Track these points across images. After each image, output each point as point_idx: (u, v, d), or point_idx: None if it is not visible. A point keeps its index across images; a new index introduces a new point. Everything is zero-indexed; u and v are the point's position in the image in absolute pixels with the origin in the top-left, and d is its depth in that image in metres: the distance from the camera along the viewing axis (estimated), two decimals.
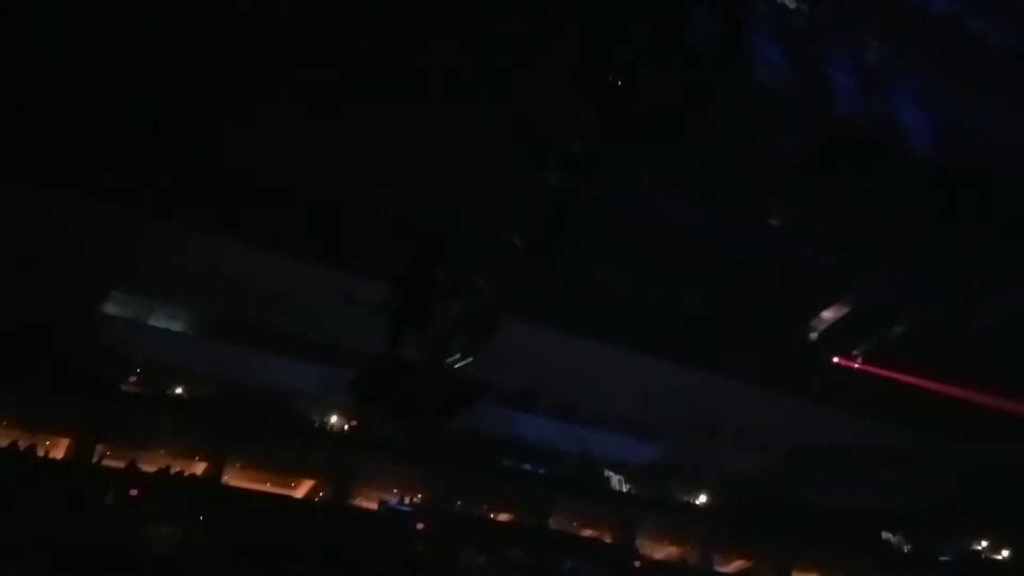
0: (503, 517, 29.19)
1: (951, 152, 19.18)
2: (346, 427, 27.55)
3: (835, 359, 24.75)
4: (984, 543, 31.36)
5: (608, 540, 29.60)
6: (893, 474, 30.37)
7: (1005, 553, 31.09)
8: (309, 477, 26.61)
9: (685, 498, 31.15)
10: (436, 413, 14.22)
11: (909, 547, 31.10)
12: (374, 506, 26.61)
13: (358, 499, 26.76)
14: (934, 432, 28.09)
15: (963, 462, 28.93)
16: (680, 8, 10.44)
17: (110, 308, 24.91)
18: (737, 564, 30.49)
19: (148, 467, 24.17)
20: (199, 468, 25.57)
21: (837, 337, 24.29)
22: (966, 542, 31.46)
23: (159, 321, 25.81)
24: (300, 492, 26.76)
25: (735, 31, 18.54)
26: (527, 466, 29.15)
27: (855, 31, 19.08)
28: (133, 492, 22.44)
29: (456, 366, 11.75)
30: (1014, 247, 20.33)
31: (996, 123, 19.15)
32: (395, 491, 27.20)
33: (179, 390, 26.06)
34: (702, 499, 31.06)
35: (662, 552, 30.38)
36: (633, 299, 21.62)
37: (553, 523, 28.92)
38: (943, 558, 30.84)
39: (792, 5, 18.57)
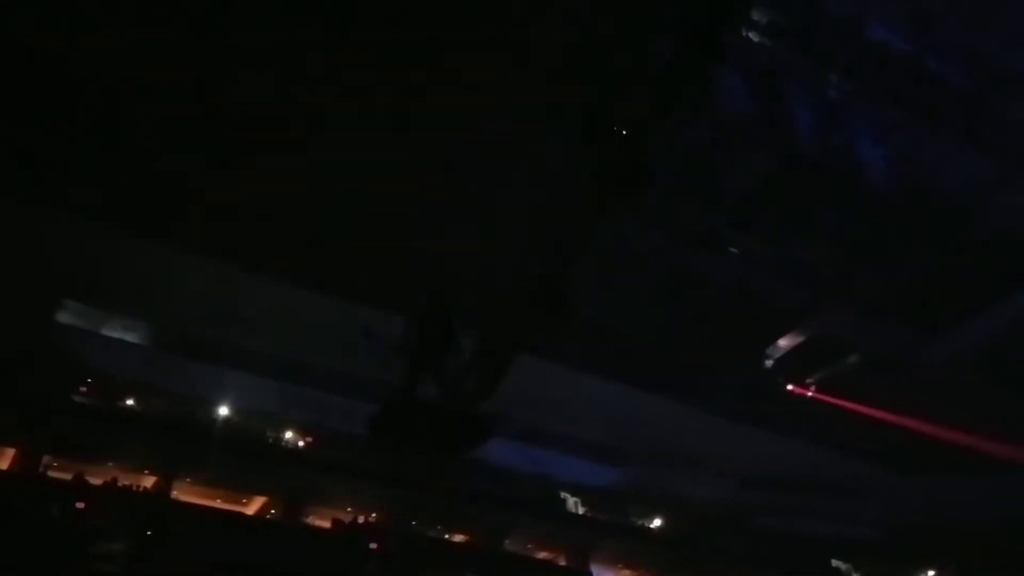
0: (459, 538, 29.00)
1: (906, 189, 19.57)
2: (301, 444, 27.24)
3: (789, 387, 25.01)
4: (931, 573, 31.83)
5: (563, 562, 29.57)
6: (844, 503, 30.74)
7: None
8: (261, 494, 26.24)
9: (641, 522, 31.27)
10: (450, 448, 14.35)
11: (857, 575, 31.51)
12: (327, 525, 26.28)
13: (311, 517, 26.45)
14: (884, 462, 28.50)
15: (911, 493, 29.36)
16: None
17: (64, 317, 24.40)
18: None
19: (96, 480, 23.67)
20: (148, 482, 25.09)
21: (792, 366, 24.56)
22: (914, 572, 31.91)
23: (114, 331, 25.32)
24: (251, 509, 26.35)
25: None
26: (486, 487, 29.00)
27: (817, 66, 19.42)
28: (80, 505, 21.94)
29: (469, 403, 11.91)
30: (965, 285, 20.78)
31: (949, 163, 19.59)
32: (349, 510, 26.91)
33: (131, 402, 25.61)
34: (657, 523, 31.19)
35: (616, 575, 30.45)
36: (594, 325, 21.69)
37: (509, 545, 28.81)
38: None
39: (756, 39, 18.85)
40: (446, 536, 28.79)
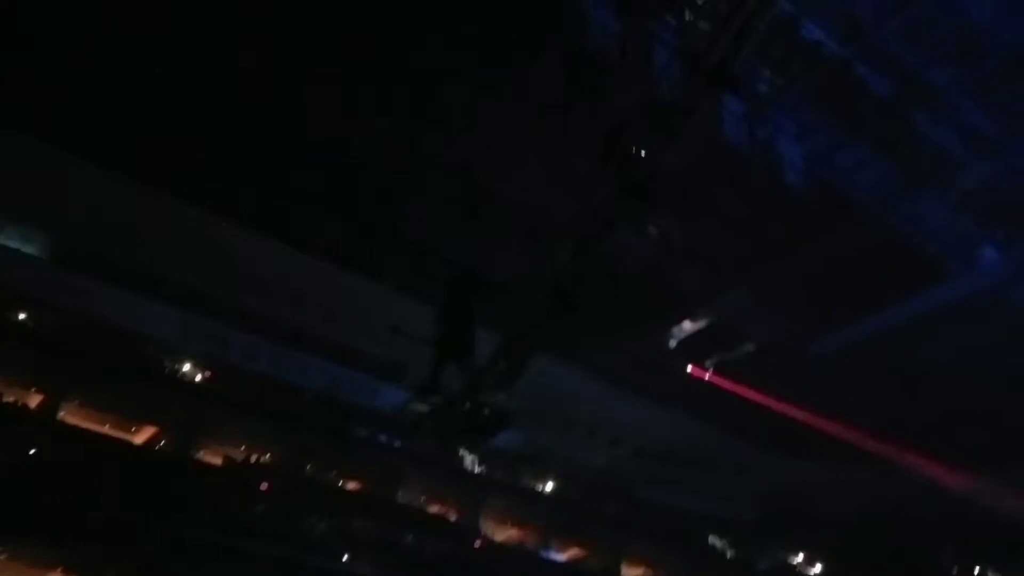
0: (352, 485, 29.02)
1: (818, 188, 20.18)
2: (199, 377, 26.71)
3: (689, 367, 25.78)
4: (800, 556, 33.59)
5: (453, 518, 29.96)
6: (727, 483, 32.09)
7: (818, 568, 33.43)
8: (152, 424, 25.67)
9: (533, 484, 31.89)
10: (470, 437, 14.74)
11: (732, 552, 32.97)
12: (218, 461, 25.95)
13: (202, 452, 26.02)
14: (769, 447, 29.79)
15: (791, 479, 30.82)
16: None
17: None
18: (572, 552, 31.49)
19: None
20: (35, 400, 24.31)
21: (693, 347, 25.28)
22: (784, 554, 33.61)
23: (10, 240, 24.22)
24: (140, 438, 25.79)
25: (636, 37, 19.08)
26: (383, 437, 29.02)
27: (749, 58, 19.72)
28: None
29: (491, 399, 12.31)
30: (859, 286, 21.68)
31: (861, 168, 20.29)
32: (242, 448, 26.61)
33: (22, 316, 24.63)
34: (549, 486, 31.88)
35: (504, 534, 31.02)
36: (504, 287, 21.90)
37: (401, 496, 28.98)
38: (761, 566, 32.95)
39: (694, 21, 19.02)
40: (339, 483, 28.76)
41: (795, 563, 33.64)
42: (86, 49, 16.77)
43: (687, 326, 24.39)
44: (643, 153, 10.74)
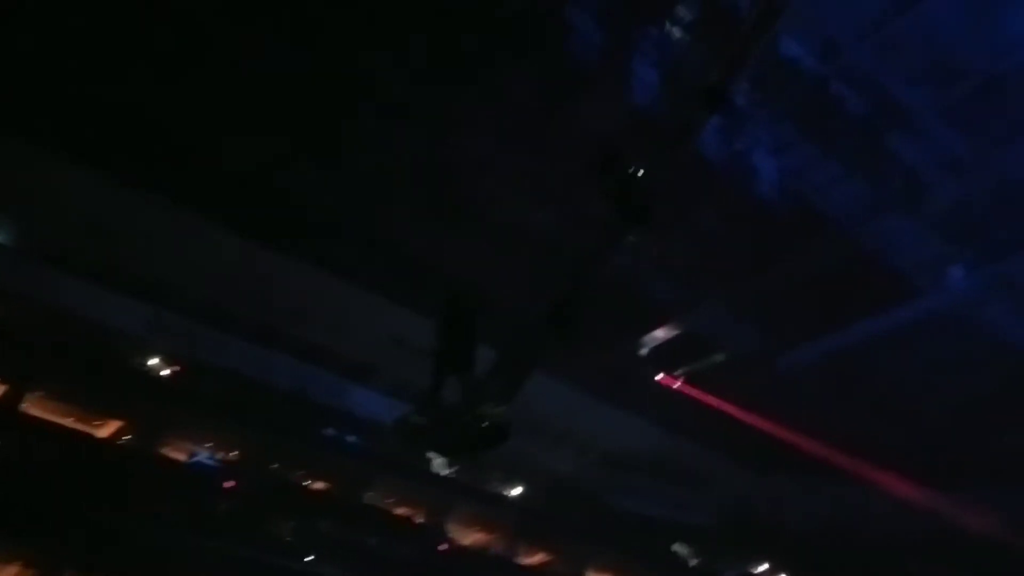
0: (318, 486, 28.80)
1: (791, 203, 20.44)
2: (167, 372, 26.38)
3: (658, 376, 25.95)
4: (765, 566, 33.87)
5: (420, 520, 29.82)
6: (693, 491, 32.28)
7: None
8: (117, 418, 25.29)
9: (501, 488, 31.83)
10: (469, 450, 14.88)
11: (696, 561, 33.16)
12: (183, 457, 25.66)
13: (167, 448, 25.70)
14: (737, 458, 30.05)
15: (758, 490, 31.11)
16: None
17: None
18: (539, 557, 31.47)
19: None
20: None
21: (663, 356, 25.46)
22: (748, 563, 33.88)
23: None
24: (105, 432, 25.41)
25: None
26: (351, 438, 28.85)
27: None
28: None
29: (490, 412, 12.39)
30: (831, 303, 21.96)
31: (834, 185, 20.57)
32: (209, 445, 26.32)
33: None
34: (517, 491, 31.85)
35: (470, 538, 30.92)
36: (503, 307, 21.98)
37: (368, 498, 28.79)
38: (726, 575, 33.21)
39: (678, 35, 19.21)
40: (305, 483, 28.51)
41: (759, 572, 33.90)
42: (63, 44, 16.60)
43: (658, 336, 24.56)
44: (640, 173, 10.80)
